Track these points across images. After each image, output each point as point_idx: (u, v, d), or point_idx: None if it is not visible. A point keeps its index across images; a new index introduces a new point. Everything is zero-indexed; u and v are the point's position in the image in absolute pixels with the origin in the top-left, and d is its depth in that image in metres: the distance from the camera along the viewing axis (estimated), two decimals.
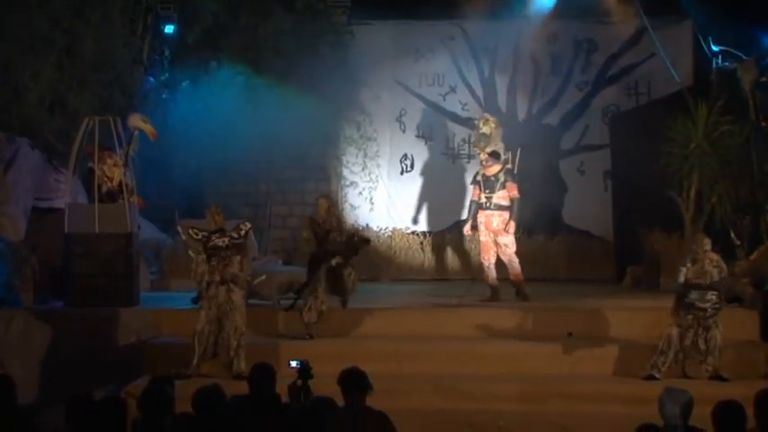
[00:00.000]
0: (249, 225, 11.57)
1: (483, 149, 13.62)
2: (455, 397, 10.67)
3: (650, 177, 14.52)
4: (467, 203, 17.65)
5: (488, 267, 13.66)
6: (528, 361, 11.31)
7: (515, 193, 13.57)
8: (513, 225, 13.53)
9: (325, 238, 12.24)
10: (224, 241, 11.19)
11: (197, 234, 11.28)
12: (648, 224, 14.99)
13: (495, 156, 13.56)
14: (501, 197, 13.51)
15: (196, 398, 6.85)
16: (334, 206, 12.80)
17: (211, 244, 11.17)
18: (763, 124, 14.04)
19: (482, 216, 13.60)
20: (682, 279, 10.96)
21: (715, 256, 11.09)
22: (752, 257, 13.36)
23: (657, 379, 10.54)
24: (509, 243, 13.59)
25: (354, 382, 7.23)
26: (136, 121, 13.35)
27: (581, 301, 13.63)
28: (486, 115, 14.15)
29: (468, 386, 10.80)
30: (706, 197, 14.43)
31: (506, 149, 13.91)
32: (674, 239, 14.73)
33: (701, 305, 10.82)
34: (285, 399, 7.30)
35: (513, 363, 11.28)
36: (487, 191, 13.55)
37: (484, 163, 13.63)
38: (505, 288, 13.80)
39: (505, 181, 13.55)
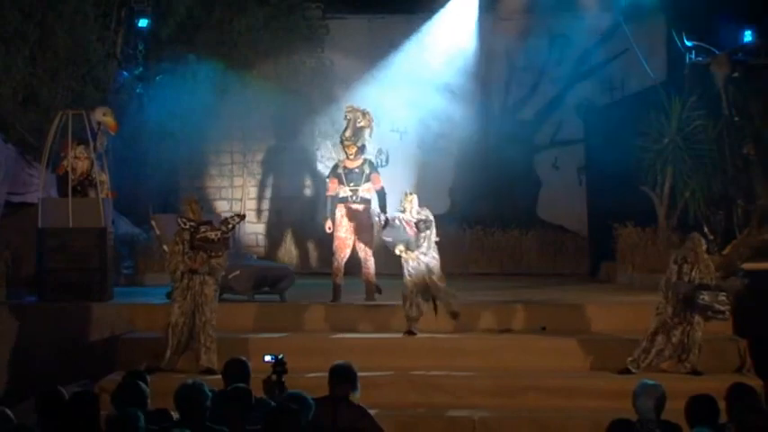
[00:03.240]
0: (237, 219, 11.35)
1: (355, 143, 13.12)
2: (430, 391, 10.67)
3: (624, 172, 14.58)
4: (448, 197, 17.74)
5: (339, 266, 13.07)
6: (502, 355, 11.32)
7: (381, 184, 13.10)
8: (383, 216, 12.62)
9: None
10: (216, 234, 11.02)
11: (185, 224, 11.06)
12: (622, 219, 15.05)
13: (362, 149, 13.30)
14: (366, 189, 13.06)
15: (179, 394, 6.82)
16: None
17: (201, 235, 10.93)
18: (736, 119, 14.11)
19: (344, 210, 13.05)
20: (674, 278, 10.85)
21: (707, 257, 11.07)
22: (725, 252, 13.43)
23: (632, 373, 10.56)
24: (369, 240, 13.10)
25: (344, 376, 7.32)
26: (97, 115, 13.29)
27: (555, 295, 13.66)
28: (363, 109, 13.48)
29: (444, 380, 10.81)
30: (679, 192, 14.51)
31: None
32: (647, 234, 14.80)
33: (720, 307, 10.67)
34: (258, 394, 7.29)
35: (487, 357, 11.28)
36: (352, 183, 13.02)
37: (351, 156, 13.13)
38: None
39: (370, 173, 13.14)
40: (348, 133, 13.12)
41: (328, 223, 13.16)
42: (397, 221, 11.89)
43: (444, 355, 11.35)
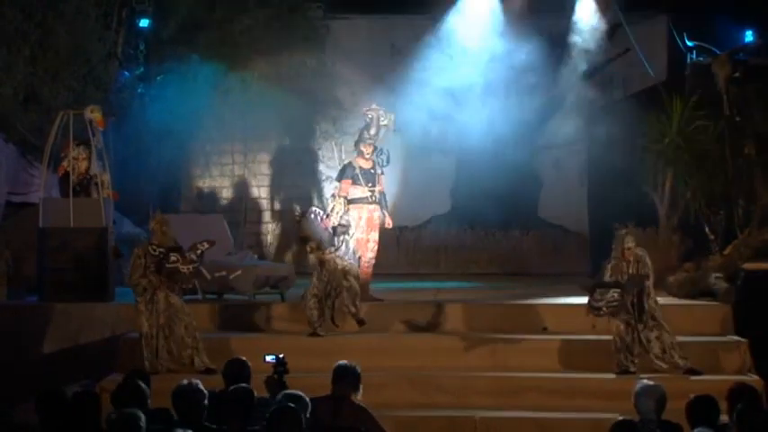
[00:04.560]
0: (206, 245, 11.22)
1: (374, 143, 13.08)
2: (430, 391, 10.68)
3: (625, 172, 14.57)
4: (449, 198, 17.71)
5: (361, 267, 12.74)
6: (503, 355, 11.33)
7: (383, 186, 13.19)
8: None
9: None
10: (188, 269, 10.98)
11: (155, 250, 11.03)
12: (623, 219, 15.04)
13: (376, 149, 13.26)
14: (378, 191, 13.09)
15: (176, 394, 6.84)
16: None
17: (171, 266, 10.91)
18: (737, 119, 14.11)
19: (364, 211, 12.87)
20: (607, 278, 10.97)
21: (639, 252, 11.09)
22: (725, 252, 13.44)
23: (632, 373, 10.56)
24: (377, 239, 13.05)
25: (347, 376, 7.37)
26: (87, 113, 13.27)
27: (556, 295, 13.65)
28: (383, 108, 13.43)
29: (444, 380, 10.82)
30: (680, 192, 14.49)
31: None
32: (648, 234, 14.78)
33: (595, 304, 10.80)
34: (259, 393, 7.30)
35: (488, 357, 11.30)
36: (370, 184, 12.94)
37: (367, 156, 13.06)
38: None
39: (380, 173, 13.17)
40: (373, 131, 13.08)
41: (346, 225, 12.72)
42: (313, 215, 11.90)
43: (444, 355, 11.36)
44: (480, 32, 17.51)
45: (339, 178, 13.19)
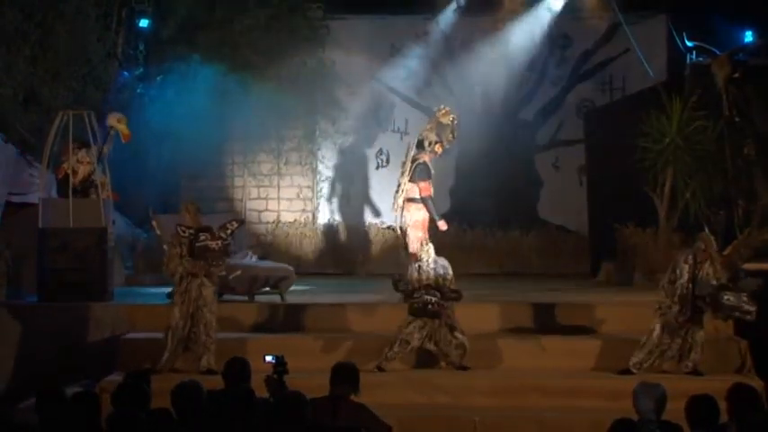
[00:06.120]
0: (236, 224, 11.30)
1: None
2: (430, 391, 10.67)
3: (625, 173, 14.57)
4: (449, 198, 17.73)
5: None
6: (503, 355, 11.32)
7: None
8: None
9: None
10: (217, 244, 10.96)
11: (184, 232, 11.06)
12: (623, 219, 15.05)
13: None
14: None
15: (175, 393, 6.83)
16: None
17: (200, 244, 10.87)
18: (737, 119, 14.11)
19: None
20: (685, 278, 10.77)
21: (718, 257, 11.07)
22: (725, 253, 13.42)
23: (633, 373, 10.55)
24: None
25: (346, 375, 7.39)
26: (112, 120, 13.29)
27: (555, 295, 13.64)
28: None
29: (444, 380, 10.81)
30: (680, 192, 14.50)
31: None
32: (648, 235, 14.80)
33: (749, 308, 10.55)
34: (259, 393, 7.29)
35: (488, 357, 11.28)
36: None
37: (436, 158, 13.10)
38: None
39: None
40: (457, 133, 13.04)
41: (442, 223, 12.89)
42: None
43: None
44: (480, 31, 17.56)
45: (424, 177, 12.88)
